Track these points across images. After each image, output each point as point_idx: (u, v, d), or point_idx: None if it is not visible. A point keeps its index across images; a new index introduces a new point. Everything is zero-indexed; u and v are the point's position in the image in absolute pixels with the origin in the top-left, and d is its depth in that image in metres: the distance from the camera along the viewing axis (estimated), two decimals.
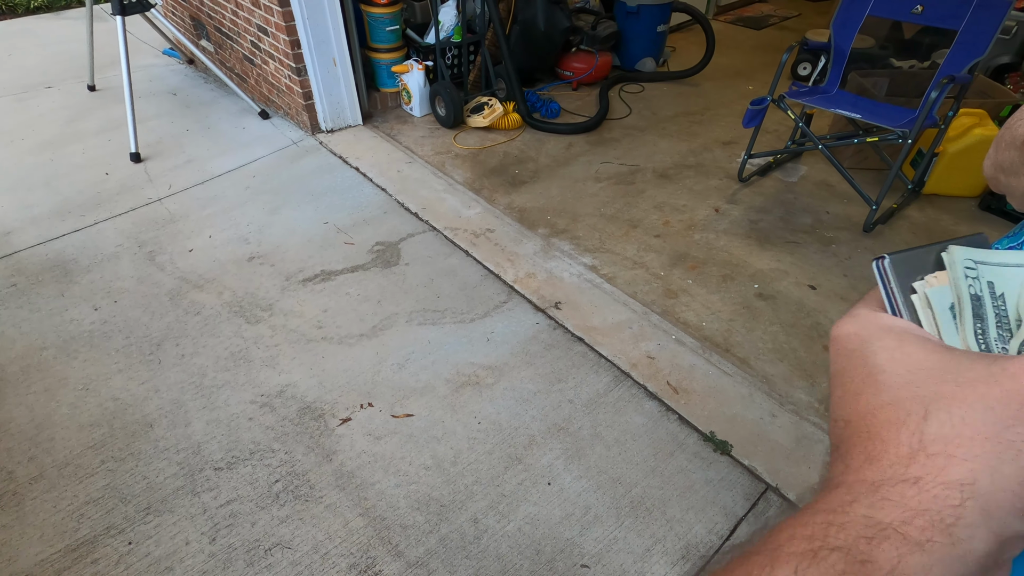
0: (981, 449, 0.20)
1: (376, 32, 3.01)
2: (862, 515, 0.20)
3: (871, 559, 0.19)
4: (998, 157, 0.55)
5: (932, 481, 0.20)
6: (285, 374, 1.75)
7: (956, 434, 0.21)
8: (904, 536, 0.19)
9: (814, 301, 2.01)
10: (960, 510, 0.20)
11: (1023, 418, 0.20)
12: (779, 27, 4.63)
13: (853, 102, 2.38)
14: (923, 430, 0.22)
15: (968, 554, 0.19)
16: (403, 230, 2.35)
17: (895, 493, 0.21)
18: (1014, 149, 0.51)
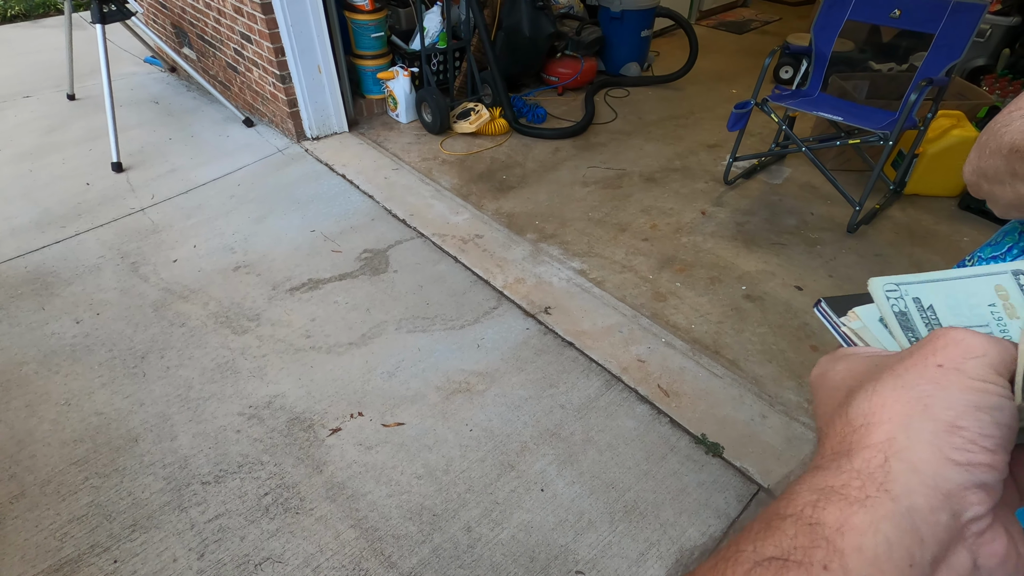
0: (893, 411, 0.22)
1: (361, 39, 3.00)
2: (807, 488, 0.22)
3: (819, 521, 0.21)
4: (980, 164, 0.54)
5: (859, 446, 0.22)
6: (273, 385, 1.73)
7: (873, 405, 0.23)
8: (845, 496, 0.21)
9: (801, 302, 2.03)
10: (887, 467, 0.21)
11: (928, 376, 0.23)
12: (760, 31, 4.69)
13: (835, 105, 2.42)
14: (848, 412, 0.24)
15: (913, 509, 0.20)
16: (391, 237, 2.34)
17: (833, 465, 0.22)
18: (999, 157, 0.50)
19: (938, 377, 0.23)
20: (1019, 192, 0.48)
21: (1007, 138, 0.50)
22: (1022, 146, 0.47)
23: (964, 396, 0.22)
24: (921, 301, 0.31)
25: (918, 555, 0.20)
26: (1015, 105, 0.54)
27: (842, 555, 0.20)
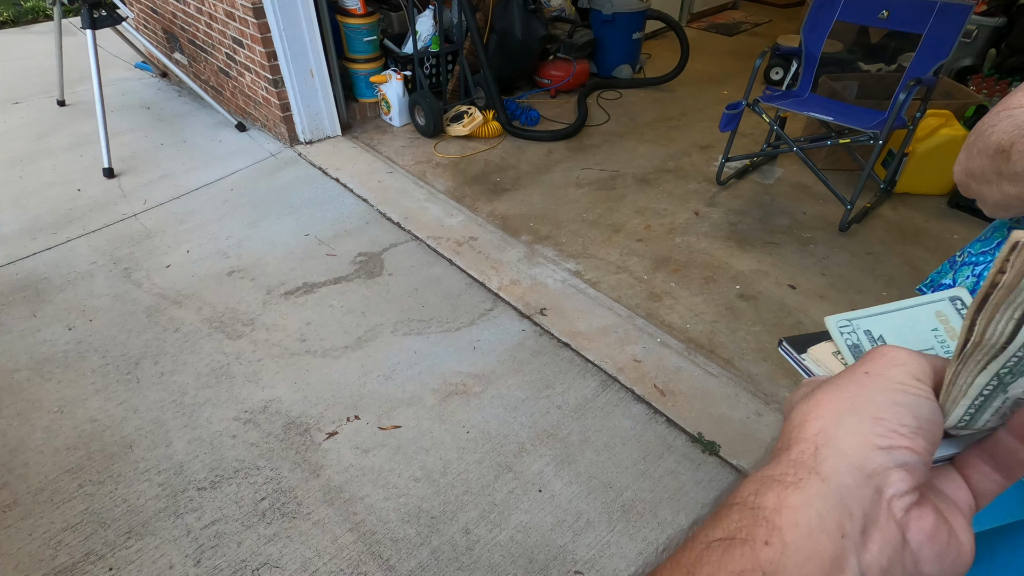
0: (826, 409, 0.26)
1: (353, 43, 3.00)
2: (751, 480, 0.25)
3: (759, 505, 0.23)
4: (969, 164, 0.54)
5: (796, 441, 0.25)
6: (269, 389, 1.72)
7: (809, 406, 0.26)
8: (782, 482, 0.24)
9: (794, 300, 2.05)
10: (819, 453, 0.24)
11: (856, 381, 0.26)
12: (751, 33, 4.73)
13: (825, 105, 2.44)
14: (791, 415, 0.27)
15: (842, 487, 0.23)
16: (385, 240, 2.34)
17: (774, 460, 0.25)
18: (985, 157, 0.50)
19: (864, 381, 0.26)
20: (1005, 192, 0.49)
21: (993, 138, 0.50)
22: (1006, 146, 0.48)
23: (885, 395, 0.25)
24: (871, 332, 0.34)
25: (848, 527, 0.22)
26: (1002, 106, 0.54)
27: (780, 531, 0.22)
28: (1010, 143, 0.47)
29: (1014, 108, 0.52)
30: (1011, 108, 0.53)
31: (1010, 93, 0.56)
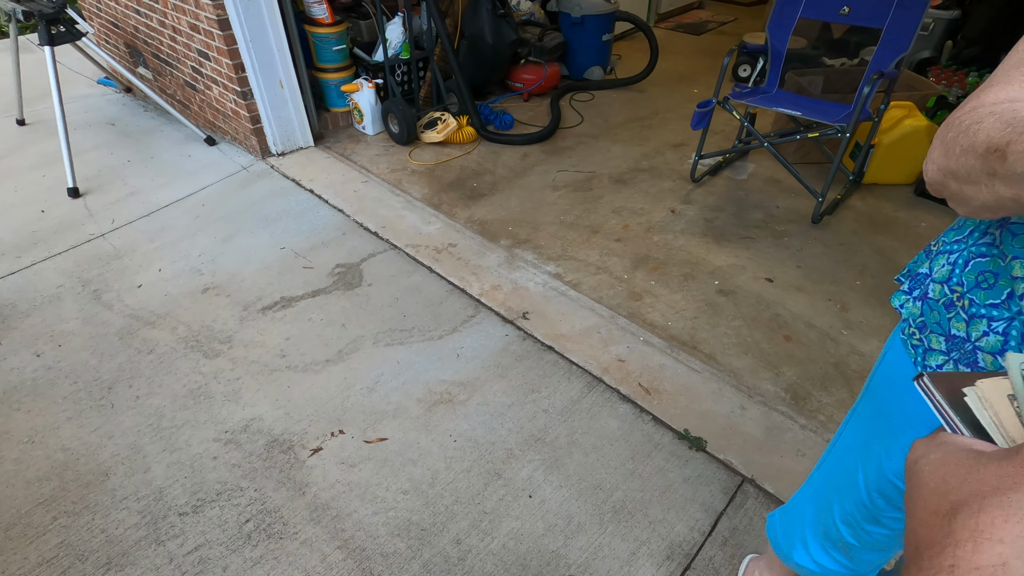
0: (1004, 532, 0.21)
1: (322, 52, 2.97)
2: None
3: None
4: (949, 163, 0.51)
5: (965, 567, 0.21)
6: (249, 408, 1.68)
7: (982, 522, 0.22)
8: None
9: (772, 293, 2.08)
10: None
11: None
12: (717, 32, 4.80)
13: (792, 100, 2.49)
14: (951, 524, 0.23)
15: None
16: (363, 250, 2.31)
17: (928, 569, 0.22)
18: (973, 156, 0.48)
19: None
20: (999, 193, 0.46)
21: (982, 136, 0.47)
22: (1000, 145, 0.45)
23: None
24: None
25: None
26: (975, 102, 0.52)
27: None
28: (1005, 142, 0.44)
29: (992, 104, 0.50)
30: (987, 104, 0.51)
31: (981, 88, 0.55)
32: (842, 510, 0.87)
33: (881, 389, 0.78)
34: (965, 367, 0.62)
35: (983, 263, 0.61)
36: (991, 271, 0.60)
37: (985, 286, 0.60)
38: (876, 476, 0.79)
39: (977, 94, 0.53)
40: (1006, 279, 0.58)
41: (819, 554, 0.96)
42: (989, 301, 0.59)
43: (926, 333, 0.67)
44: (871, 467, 0.80)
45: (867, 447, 0.81)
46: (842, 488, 0.87)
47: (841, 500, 0.87)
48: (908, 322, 0.71)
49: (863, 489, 0.82)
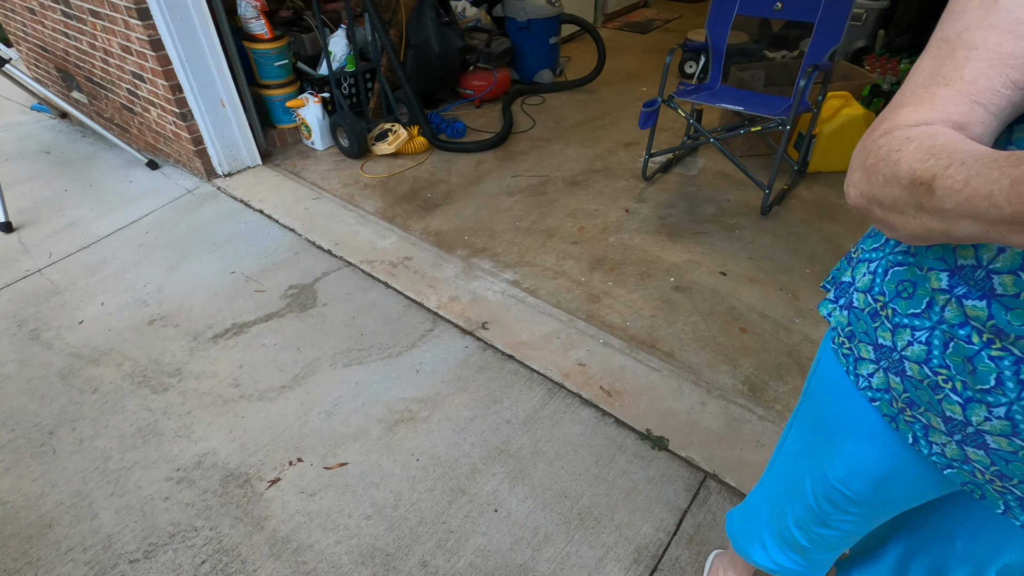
0: None
1: (264, 68, 2.90)
2: None
3: None
4: (873, 191, 0.49)
5: None
6: (202, 442, 1.62)
7: None
8: None
9: (727, 286, 2.11)
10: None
11: None
12: (663, 30, 4.88)
13: (735, 95, 2.54)
14: None
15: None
16: (317, 269, 2.26)
17: None
18: (898, 188, 0.46)
19: None
20: (928, 227, 0.45)
21: (904, 167, 0.45)
22: (926, 179, 0.43)
23: None
24: None
25: None
26: (890, 123, 0.51)
27: None
28: (931, 175, 0.42)
29: (907, 127, 0.49)
30: (902, 127, 0.49)
31: (892, 106, 0.53)
32: (793, 514, 0.88)
33: (817, 397, 0.78)
34: (895, 376, 0.63)
35: (901, 272, 0.61)
36: (910, 280, 0.60)
37: (905, 295, 0.60)
38: (821, 482, 0.79)
39: (890, 114, 0.52)
40: (924, 288, 0.58)
41: (776, 554, 0.97)
42: (910, 310, 0.60)
43: (855, 342, 0.67)
44: (816, 474, 0.80)
45: (811, 453, 0.81)
46: (792, 493, 0.87)
47: (792, 504, 0.88)
48: (837, 331, 0.71)
49: (810, 495, 0.82)
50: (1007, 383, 0.52)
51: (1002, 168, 0.37)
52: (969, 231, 0.42)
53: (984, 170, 0.39)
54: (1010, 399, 0.52)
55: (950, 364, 0.56)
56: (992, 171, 0.38)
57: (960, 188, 0.40)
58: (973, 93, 0.48)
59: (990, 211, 0.38)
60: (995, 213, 0.38)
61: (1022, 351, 0.50)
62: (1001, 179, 0.37)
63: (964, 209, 0.40)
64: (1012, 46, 0.46)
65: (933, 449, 0.62)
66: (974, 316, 0.53)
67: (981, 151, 0.41)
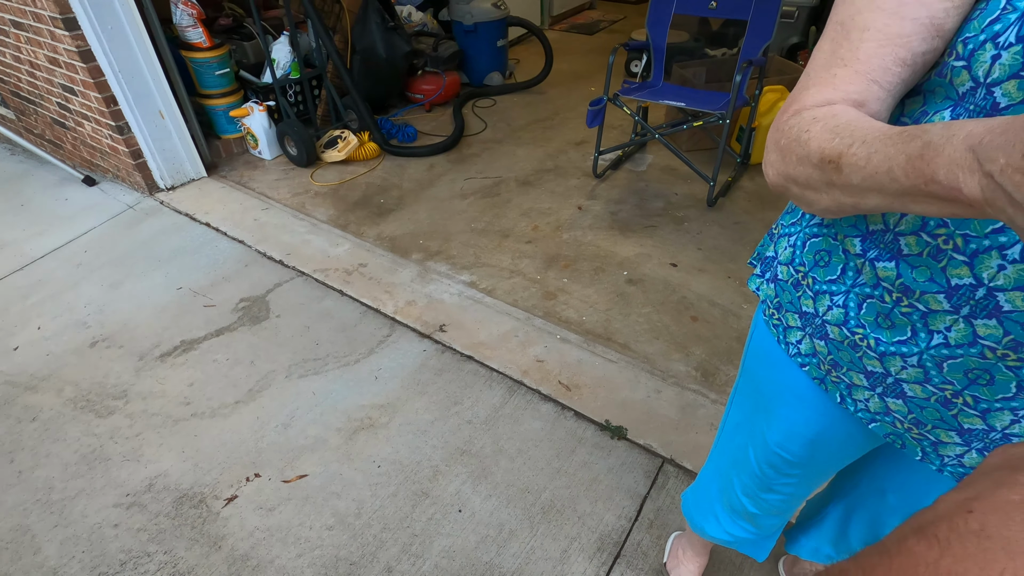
0: None
1: (204, 78, 2.82)
2: None
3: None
4: (788, 170, 0.52)
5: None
6: (153, 464, 1.57)
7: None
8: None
9: (677, 277, 2.17)
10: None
11: None
12: (609, 31, 4.98)
13: (677, 92, 2.62)
14: None
15: None
16: (269, 281, 2.22)
17: None
18: (810, 167, 0.49)
19: None
20: (839, 201, 0.48)
21: (813, 146, 0.48)
22: (833, 157, 0.46)
23: None
24: None
25: None
26: (799, 104, 0.53)
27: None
28: (838, 154, 0.45)
29: (813, 108, 0.52)
30: (809, 107, 0.52)
31: (799, 87, 0.55)
32: (741, 484, 0.92)
33: (753, 367, 0.83)
34: (819, 340, 0.67)
35: (818, 242, 0.65)
36: (825, 249, 0.64)
37: (823, 263, 0.65)
38: (763, 449, 0.84)
39: (797, 95, 0.55)
40: (838, 255, 0.63)
41: (729, 525, 1.01)
42: (828, 277, 0.64)
43: (783, 312, 0.72)
44: (757, 441, 0.85)
45: (751, 423, 0.86)
46: (737, 463, 0.92)
47: (739, 474, 0.92)
48: (767, 303, 0.75)
49: (754, 463, 0.87)
50: (919, 334, 0.57)
51: (897, 145, 0.41)
52: (875, 203, 0.45)
53: (882, 147, 0.42)
54: (921, 348, 0.57)
55: (865, 323, 0.61)
56: (889, 148, 0.41)
57: (864, 164, 0.43)
58: (868, 72, 0.52)
59: (891, 184, 0.41)
60: (895, 186, 0.41)
61: (926, 306, 0.55)
62: (897, 155, 0.40)
63: (869, 184, 0.43)
64: (898, 26, 0.50)
65: (858, 406, 0.67)
66: (885, 277, 0.58)
67: (880, 129, 0.44)
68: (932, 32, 0.49)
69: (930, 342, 0.56)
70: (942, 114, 0.50)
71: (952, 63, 0.49)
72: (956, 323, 0.54)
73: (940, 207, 0.39)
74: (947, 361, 0.56)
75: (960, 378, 0.56)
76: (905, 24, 0.50)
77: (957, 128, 0.37)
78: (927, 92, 0.53)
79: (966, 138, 0.35)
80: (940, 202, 0.39)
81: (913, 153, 0.39)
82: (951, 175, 0.36)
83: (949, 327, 0.54)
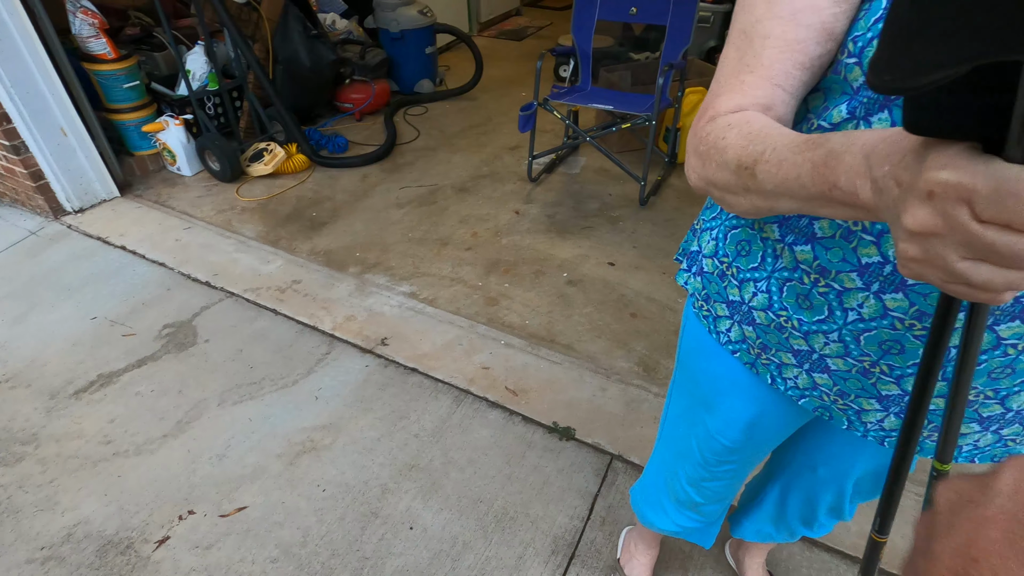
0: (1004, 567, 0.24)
1: (111, 91, 2.64)
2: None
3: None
4: (708, 174, 0.53)
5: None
6: (71, 512, 1.44)
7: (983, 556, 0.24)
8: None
9: (615, 276, 2.22)
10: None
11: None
12: (537, 36, 5.06)
13: (605, 96, 2.68)
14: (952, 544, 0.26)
15: None
16: (195, 304, 2.09)
17: None
18: (728, 173, 0.50)
19: None
20: (756, 205, 0.50)
21: (730, 153, 0.50)
22: (749, 164, 0.48)
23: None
24: None
25: None
26: (713, 110, 0.55)
27: None
28: (752, 160, 0.47)
29: (727, 114, 0.53)
30: (723, 114, 0.54)
31: (712, 92, 0.57)
32: (685, 474, 0.95)
33: (688, 359, 0.85)
34: (747, 326, 0.70)
35: (738, 233, 0.69)
36: (746, 239, 0.68)
37: (744, 253, 0.68)
38: (704, 438, 0.86)
39: (711, 102, 0.56)
40: (758, 243, 0.66)
41: (677, 516, 1.03)
42: (750, 265, 0.67)
43: (711, 303, 0.75)
44: (699, 430, 0.87)
45: (691, 413, 0.88)
46: (681, 454, 0.94)
47: (683, 465, 0.94)
48: (695, 296, 0.78)
49: (697, 452, 0.89)
50: (836, 312, 0.61)
51: (803, 153, 0.43)
52: (789, 207, 0.47)
53: (791, 155, 0.44)
54: (839, 325, 0.61)
55: (788, 306, 0.64)
56: (797, 155, 0.43)
57: (776, 171, 0.45)
58: (772, 77, 0.54)
59: (800, 190, 0.43)
60: (804, 192, 0.43)
61: (841, 284, 0.59)
62: (804, 163, 0.42)
63: (781, 190, 0.45)
64: (795, 32, 0.53)
65: (788, 384, 0.71)
66: (802, 260, 0.61)
67: (789, 136, 0.46)
68: (825, 36, 0.52)
69: (846, 319, 0.60)
70: (840, 108, 0.54)
71: (845, 60, 0.52)
72: (868, 299, 0.58)
73: (844, 211, 0.41)
74: (863, 334, 0.60)
75: (875, 349, 0.60)
76: (800, 30, 0.52)
77: (856, 137, 0.39)
78: (826, 89, 0.56)
79: (863, 146, 0.38)
80: (844, 207, 0.41)
81: (818, 160, 0.41)
82: (850, 181, 0.38)
83: (862, 303, 0.58)
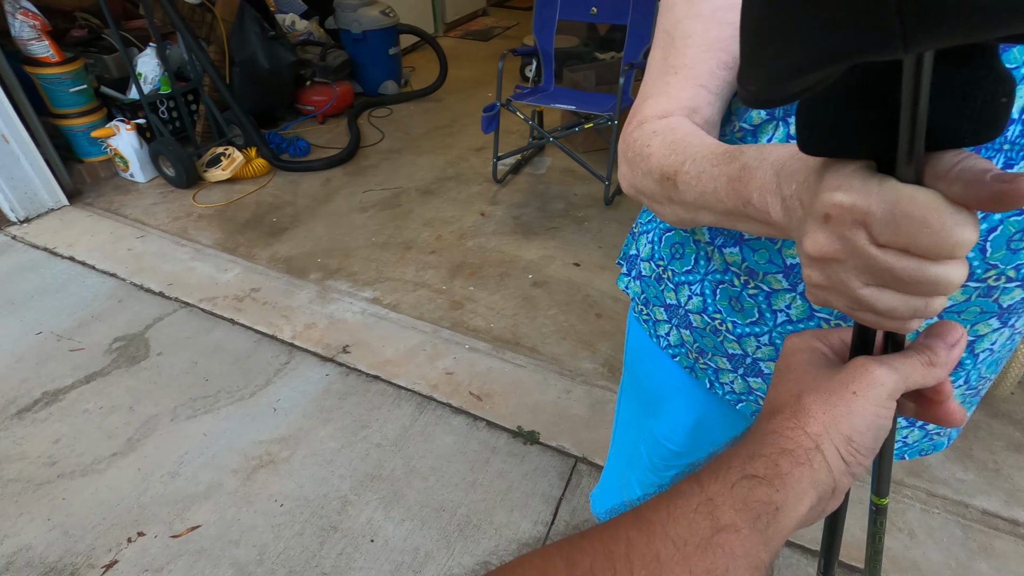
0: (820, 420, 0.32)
1: (56, 96, 2.54)
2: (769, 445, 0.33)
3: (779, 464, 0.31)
4: (636, 183, 0.53)
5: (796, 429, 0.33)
6: (11, 539, 1.37)
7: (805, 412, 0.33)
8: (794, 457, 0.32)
9: (581, 276, 2.22)
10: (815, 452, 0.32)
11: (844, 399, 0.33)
12: (503, 37, 5.04)
13: (568, 96, 2.68)
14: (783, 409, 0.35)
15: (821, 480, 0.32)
16: (147, 316, 2.02)
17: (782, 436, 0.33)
18: (652, 182, 0.49)
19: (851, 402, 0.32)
20: (680, 216, 0.50)
21: (654, 162, 0.48)
22: (671, 174, 0.47)
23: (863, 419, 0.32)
24: None
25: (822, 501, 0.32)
26: (641, 116, 0.54)
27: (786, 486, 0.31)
28: (674, 171, 0.46)
29: (653, 120, 0.52)
30: (650, 119, 0.52)
31: (640, 97, 0.56)
32: (637, 480, 0.94)
33: (632, 364, 0.84)
34: (684, 329, 0.69)
35: (671, 236, 0.68)
36: (679, 242, 0.67)
37: (678, 256, 0.67)
38: (652, 443, 0.85)
39: (640, 106, 0.55)
40: (691, 246, 0.65)
41: None
42: (684, 268, 0.66)
43: (651, 307, 0.74)
44: (647, 436, 0.86)
45: (639, 419, 0.87)
46: (631, 460, 0.93)
47: (633, 471, 0.94)
48: (635, 300, 0.77)
49: (646, 457, 0.88)
50: (765, 314, 0.60)
51: (720, 166, 0.41)
52: (709, 220, 0.46)
53: (709, 167, 0.43)
54: (769, 327, 0.60)
55: (721, 308, 0.64)
56: (714, 168, 0.42)
57: (695, 184, 0.44)
58: (697, 77, 0.53)
59: (718, 204, 0.42)
60: (721, 206, 0.42)
61: (769, 286, 0.58)
62: (720, 176, 0.41)
63: (701, 202, 0.44)
64: (717, 31, 0.52)
65: (725, 388, 0.70)
66: (732, 262, 0.60)
67: (708, 147, 0.45)
68: None
69: (776, 320, 0.60)
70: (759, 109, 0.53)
71: None
72: (795, 300, 0.57)
73: (760, 228, 0.40)
74: None
75: None
76: (723, 28, 0.51)
77: (768, 152, 0.37)
78: None
79: (774, 163, 0.36)
80: (758, 224, 0.39)
81: (733, 175, 0.40)
82: (762, 198, 0.37)
83: (789, 304, 0.58)
